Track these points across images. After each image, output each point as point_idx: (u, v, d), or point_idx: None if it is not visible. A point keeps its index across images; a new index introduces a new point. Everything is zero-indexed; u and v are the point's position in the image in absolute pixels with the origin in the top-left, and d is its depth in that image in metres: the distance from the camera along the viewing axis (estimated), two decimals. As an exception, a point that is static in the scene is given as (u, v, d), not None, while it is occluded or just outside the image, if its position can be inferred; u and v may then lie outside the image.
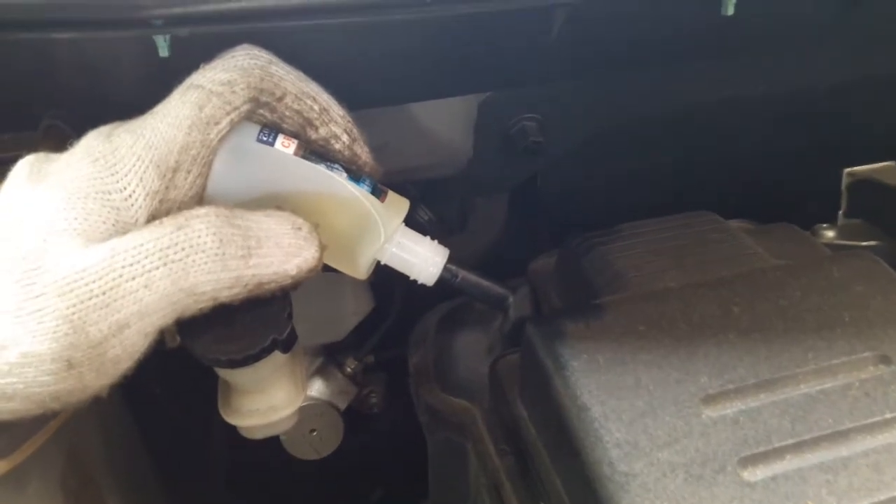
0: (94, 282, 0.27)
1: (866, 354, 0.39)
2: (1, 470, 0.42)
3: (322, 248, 0.32)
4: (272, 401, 0.39)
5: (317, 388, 0.70)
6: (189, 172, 0.31)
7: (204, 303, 0.30)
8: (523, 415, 0.44)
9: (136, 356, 0.29)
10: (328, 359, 0.71)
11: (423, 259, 0.38)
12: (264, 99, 0.33)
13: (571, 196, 0.62)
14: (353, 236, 0.36)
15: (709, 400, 0.37)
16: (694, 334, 0.41)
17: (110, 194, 0.29)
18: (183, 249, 0.29)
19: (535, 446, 0.42)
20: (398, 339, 0.67)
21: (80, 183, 0.29)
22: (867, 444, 0.36)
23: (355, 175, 0.36)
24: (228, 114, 0.32)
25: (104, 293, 0.27)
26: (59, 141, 0.35)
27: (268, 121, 0.34)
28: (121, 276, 0.28)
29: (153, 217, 0.30)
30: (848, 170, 0.60)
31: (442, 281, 0.39)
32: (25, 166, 0.31)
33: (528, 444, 0.43)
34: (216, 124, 0.32)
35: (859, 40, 0.54)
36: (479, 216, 0.67)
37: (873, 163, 0.61)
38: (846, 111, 0.60)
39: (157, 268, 0.28)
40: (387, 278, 0.48)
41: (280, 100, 0.34)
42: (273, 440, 0.67)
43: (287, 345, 0.35)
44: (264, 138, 0.34)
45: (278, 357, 0.38)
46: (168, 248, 0.28)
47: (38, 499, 0.44)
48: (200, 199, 0.33)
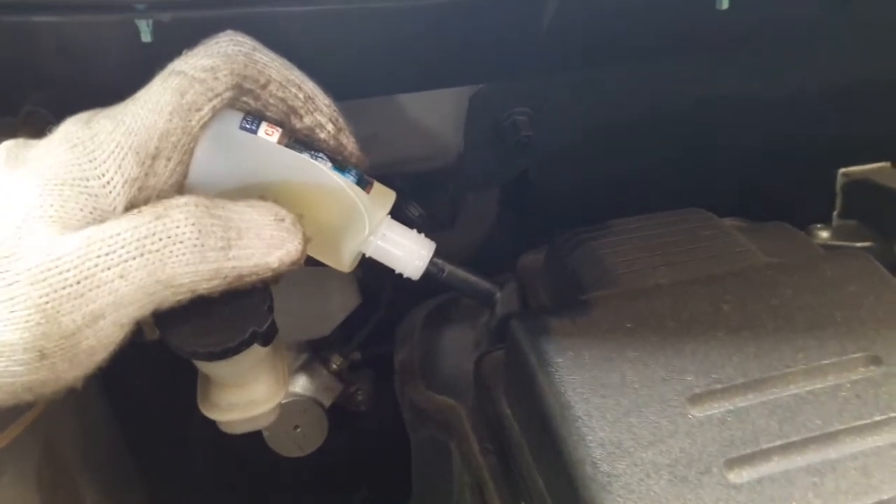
0: (68, 271, 0.27)
1: (857, 355, 0.39)
2: (-26, 461, 0.41)
3: (306, 240, 0.32)
4: (252, 395, 0.39)
5: (301, 385, 0.69)
6: (169, 160, 0.31)
7: (182, 295, 0.29)
8: (507, 413, 0.43)
9: (111, 347, 0.29)
10: (313, 355, 0.70)
11: (409, 252, 0.37)
12: (248, 86, 0.33)
13: (563, 192, 0.61)
14: (338, 227, 0.35)
15: (695, 399, 0.37)
16: (682, 332, 0.40)
17: (88, 181, 0.29)
18: (161, 240, 0.28)
19: (519, 445, 0.41)
20: (386, 336, 0.66)
21: (58, 169, 0.29)
22: (856, 447, 0.35)
23: (340, 165, 0.35)
24: (210, 100, 0.31)
25: (78, 283, 0.27)
26: (39, 127, 0.34)
27: (251, 108, 0.34)
28: (96, 265, 0.27)
29: (132, 205, 0.29)
30: (843, 170, 0.60)
31: (428, 275, 0.38)
32: (3, 152, 0.30)
33: (511, 442, 0.42)
34: (198, 111, 0.31)
35: (854, 40, 0.54)
36: (470, 211, 0.67)
37: (868, 163, 0.61)
38: (841, 111, 0.59)
39: (134, 258, 0.27)
40: (374, 273, 0.48)
41: (264, 87, 0.33)
42: (256, 436, 0.67)
43: (267, 338, 0.34)
44: (247, 126, 0.33)
45: (258, 350, 0.37)
46: (145, 237, 0.28)
47: (12, 489, 0.44)
48: (181, 187, 0.32)
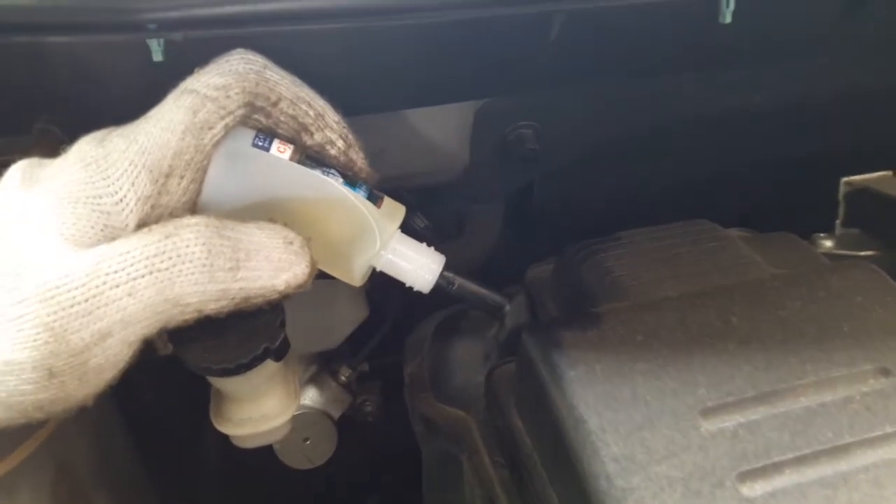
0: (76, 288, 0.27)
1: (866, 367, 0.39)
2: (-9, 477, 0.41)
3: (314, 263, 0.32)
4: (264, 409, 0.39)
5: (310, 397, 0.69)
6: (182, 178, 0.31)
7: (189, 314, 0.29)
8: (519, 426, 0.43)
9: (120, 366, 0.29)
10: (322, 367, 0.70)
11: (419, 266, 0.38)
12: (259, 104, 0.33)
13: (568, 204, 0.62)
14: (349, 242, 0.36)
15: (707, 412, 0.37)
16: (692, 345, 0.40)
17: (101, 199, 0.29)
18: (170, 258, 0.28)
19: (531, 458, 0.42)
20: (393, 347, 0.67)
21: (72, 187, 0.29)
22: (867, 459, 0.35)
23: (351, 181, 0.35)
24: (223, 118, 0.32)
25: (86, 300, 0.27)
26: (52, 146, 0.34)
27: (263, 126, 0.34)
28: (104, 283, 0.27)
29: (144, 223, 0.29)
30: (845, 179, 0.60)
31: (438, 288, 0.39)
32: (18, 172, 0.30)
33: (523, 455, 0.42)
34: (210, 129, 0.31)
35: (856, 51, 0.54)
36: (476, 223, 0.67)
37: (871, 172, 0.61)
38: (844, 120, 0.60)
39: (143, 276, 0.28)
40: (382, 285, 0.48)
41: (275, 105, 0.33)
42: (266, 449, 0.67)
43: (279, 353, 0.35)
44: (259, 143, 0.34)
45: (271, 366, 0.37)
46: (155, 256, 0.28)
47: (27, 507, 0.44)
48: (194, 205, 0.32)
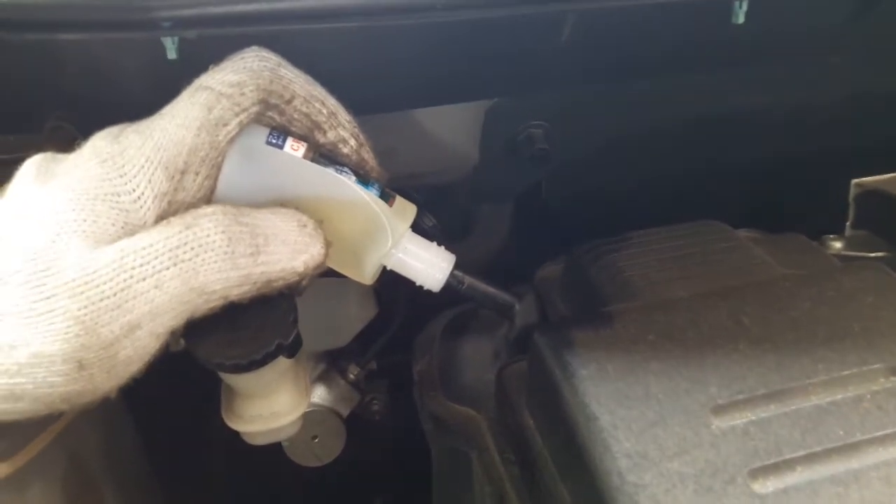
0: (105, 283, 0.27)
1: (877, 366, 0.39)
2: (3, 472, 0.42)
3: (327, 244, 0.33)
4: (276, 406, 0.39)
5: (319, 395, 0.70)
6: (198, 174, 0.31)
7: (214, 302, 0.30)
8: (530, 423, 0.44)
9: (147, 357, 0.29)
10: (330, 365, 0.71)
11: (430, 265, 0.38)
12: (273, 101, 0.33)
13: (576, 203, 0.62)
14: (361, 240, 0.36)
15: (718, 410, 0.37)
16: (703, 344, 0.40)
17: (119, 196, 0.29)
18: (192, 249, 0.29)
19: (542, 456, 0.42)
20: (401, 345, 0.67)
21: (89, 184, 0.29)
22: (879, 457, 0.35)
23: (364, 179, 0.36)
24: (237, 115, 0.32)
25: (115, 294, 0.28)
26: (64, 142, 0.35)
27: (276, 123, 0.34)
28: (131, 276, 0.28)
29: (161, 219, 0.30)
30: (856, 181, 0.60)
31: (448, 287, 0.39)
32: (32, 166, 0.31)
33: (534, 453, 0.43)
34: (225, 126, 0.31)
35: (868, 51, 0.54)
36: (484, 222, 0.67)
37: (881, 174, 0.61)
38: (854, 121, 0.60)
39: (168, 268, 0.28)
40: (391, 284, 0.48)
41: (289, 102, 0.34)
42: (275, 447, 0.67)
43: (292, 350, 0.35)
44: (273, 141, 0.34)
45: (283, 362, 0.37)
46: (178, 247, 0.28)
47: (39, 501, 0.44)
48: (209, 201, 0.32)
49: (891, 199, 0.57)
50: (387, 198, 0.36)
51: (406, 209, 0.37)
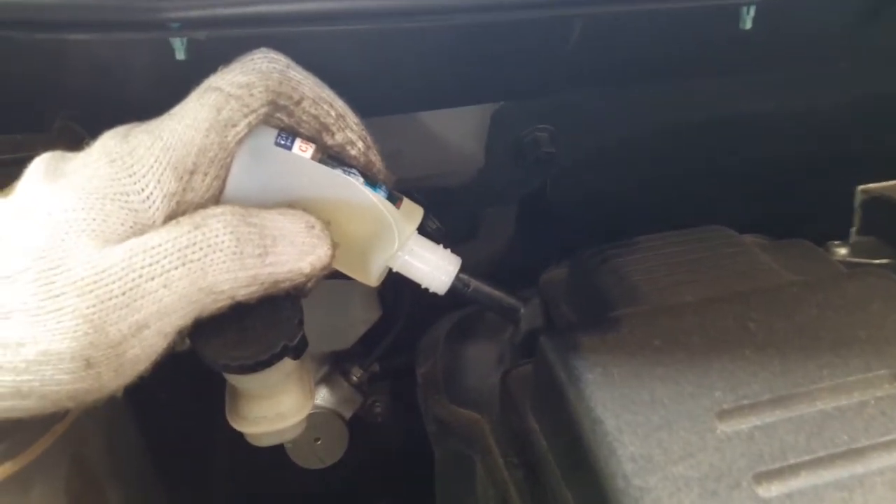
0: (114, 282, 0.28)
1: (882, 372, 0.39)
2: (5, 472, 0.42)
3: (334, 245, 0.33)
4: (280, 408, 0.39)
5: (322, 397, 0.70)
6: (206, 175, 0.31)
7: (221, 301, 0.30)
8: (535, 427, 0.44)
9: (155, 357, 0.30)
10: (334, 367, 0.71)
11: (436, 267, 0.38)
12: (282, 103, 0.33)
13: (581, 206, 0.62)
14: (368, 242, 0.36)
15: (724, 415, 0.37)
16: (709, 349, 0.41)
17: (128, 196, 0.30)
18: (201, 249, 0.29)
19: (547, 459, 0.42)
20: (404, 348, 0.67)
21: (98, 183, 0.30)
22: (883, 462, 0.36)
23: (371, 181, 0.36)
24: (246, 116, 0.32)
25: (124, 293, 0.28)
26: (72, 141, 0.35)
27: (285, 125, 0.34)
28: (140, 276, 0.28)
29: (170, 219, 0.30)
30: (861, 187, 0.60)
31: (453, 290, 0.39)
32: (41, 164, 0.31)
33: (539, 456, 0.43)
34: (234, 127, 0.32)
35: (874, 56, 0.54)
36: (489, 225, 0.67)
37: (887, 180, 0.61)
38: (861, 126, 0.60)
39: (176, 267, 0.28)
40: (393, 286, 0.49)
41: (298, 104, 0.34)
42: (278, 449, 0.68)
43: (298, 351, 0.35)
44: (282, 142, 0.34)
45: (288, 364, 0.38)
46: (186, 247, 0.29)
47: (42, 501, 0.44)
48: (217, 201, 0.33)
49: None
50: (394, 200, 0.36)
51: (413, 211, 0.37)
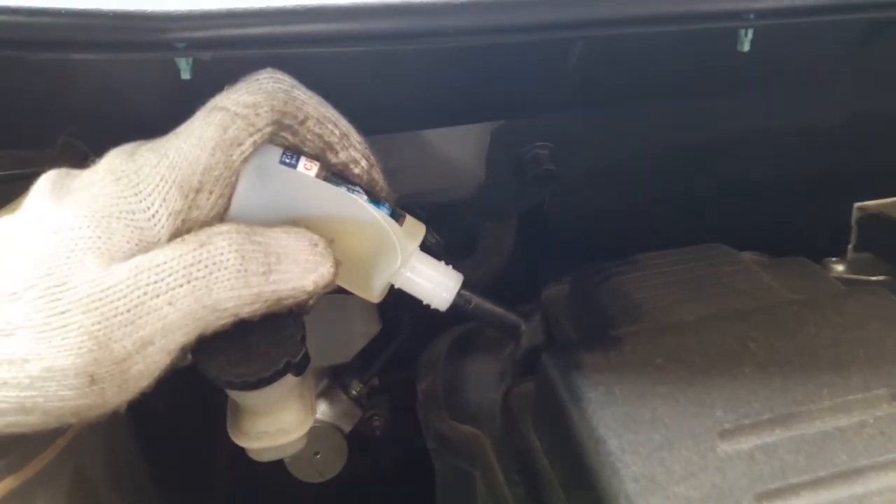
0: (118, 299, 0.28)
1: (881, 391, 0.40)
2: (9, 486, 0.42)
3: (337, 263, 0.33)
4: (282, 423, 0.40)
5: (322, 411, 0.70)
6: (212, 193, 0.32)
7: (225, 319, 0.30)
8: (536, 445, 0.44)
9: (158, 373, 0.30)
10: (333, 380, 0.71)
11: (438, 284, 0.38)
12: (287, 122, 0.34)
13: (580, 222, 0.63)
14: (371, 259, 0.36)
15: (725, 434, 0.38)
16: (710, 368, 0.41)
17: (134, 214, 0.30)
18: (206, 267, 0.29)
19: (549, 477, 0.42)
20: (403, 362, 0.67)
21: (105, 201, 0.30)
22: (882, 482, 0.36)
23: (375, 199, 0.36)
24: (251, 135, 0.32)
25: (129, 310, 0.28)
26: (75, 158, 0.36)
27: (289, 143, 0.35)
28: (145, 293, 0.28)
29: (175, 236, 0.30)
30: (858, 204, 0.61)
31: (454, 307, 0.39)
32: (47, 182, 0.31)
33: (540, 474, 0.43)
34: (239, 145, 0.32)
35: (871, 75, 0.55)
36: (489, 240, 0.68)
37: (884, 198, 0.62)
38: (858, 145, 0.61)
39: (181, 285, 0.29)
40: (394, 300, 0.49)
41: (302, 123, 0.34)
42: (277, 462, 0.67)
43: (300, 367, 0.35)
44: (287, 160, 0.35)
45: (290, 380, 0.38)
46: (191, 265, 0.29)
47: (43, 516, 0.45)
48: (222, 219, 0.33)
49: (893, 222, 0.58)
50: (397, 217, 0.37)
51: (415, 228, 0.38)
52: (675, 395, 0.39)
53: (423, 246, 0.39)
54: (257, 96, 0.33)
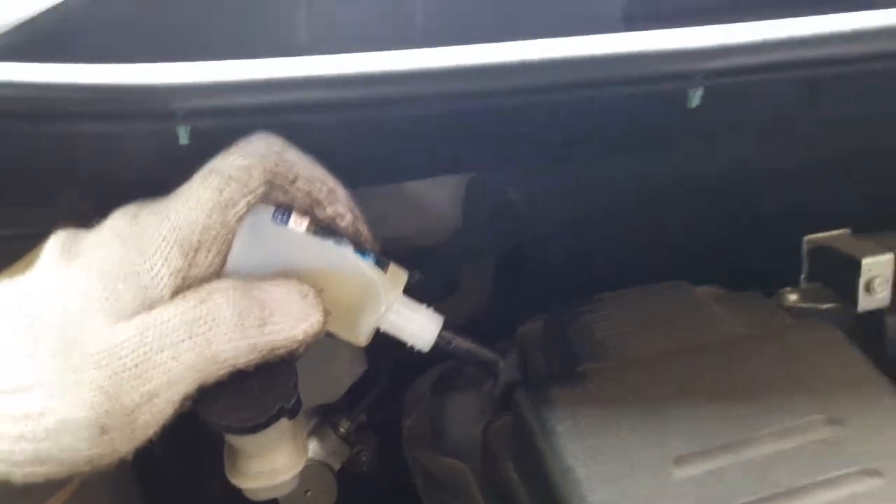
0: (126, 355, 0.30)
1: (819, 417, 0.43)
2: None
3: (326, 312, 0.35)
4: (276, 464, 0.40)
5: (312, 449, 0.71)
6: (209, 251, 0.34)
7: (224, 369, 0.32)
8: (514, 476, 0.47)
9: (163, 422, 0.32)
10: (323, 419, 0.72)
11: (420, 327, 0.40)
12: (278, 182, 0.36)
13: (555, 262, 0.65)
14: (357, 306, 0.39)
15: (680, 461, 0.41)
16: (667, 400, 0.44)
17: (139, 275, 0.32)
18: (206, 322, 0.31)
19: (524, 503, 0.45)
20: (385, 400, 0.69)
21: (111, 265, 0.32)
22: (819, 499, 0.39)
23: (360, 249, 0.39)
24: (245, 196, 0.34)
25: (136, 366, 0.30)
26: (77, 217, 0.37)
27: (280, 201, 0.37)
28: (151, 349, 0.30)
29: (177, 292, 0.32)
30: (808, 237, 0.63)
31: (436, 347, 0.41)
32: (57, 243, 0.34)
33: (518, 502, 0.46)
34: (234, 206, 0.34)
35: (814, 128, 0.58)
36: (467, 281, 0.69)
37: (831, 230, 0.63)
38: (807, 186, 0.64)
39: (183, 340, 0.31)
40: (377, 342, 0.51)
41: (293, 182, 0.36)
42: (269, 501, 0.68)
43: (293, 412, 0.36)
44: (279, 217, 0.37)
45: (283, 423, 0.40)
46: (192, 321, 0.31)
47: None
48: (219, 274, 0.35)
49: (838, 253, 0.60)
50: (382, 265, 0.39)
51: (398, 275, 0.40)
52: (635, 427, 0.42)
53: (407, 290, 0.41)
54: (250, 159, 0.35)
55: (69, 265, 0.32)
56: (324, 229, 0.38)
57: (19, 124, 0.37)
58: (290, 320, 0.34)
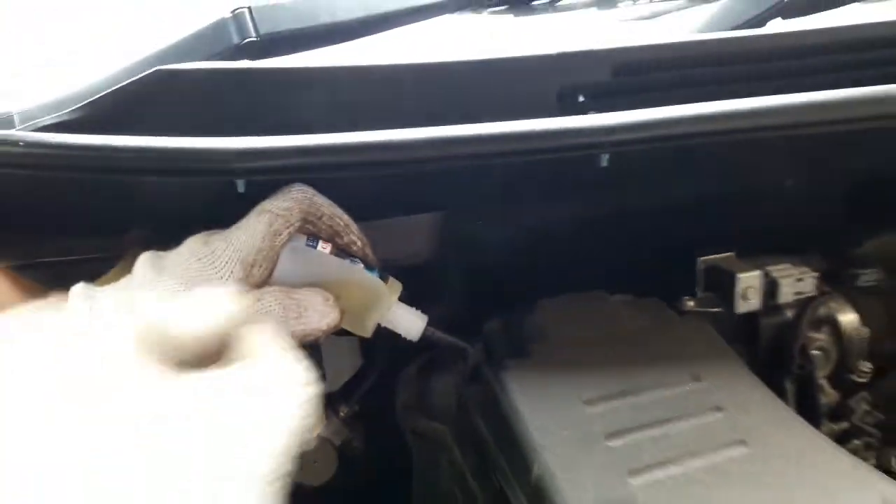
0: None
1: (686, 375, 0.58)
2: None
3: (341, 312, 0.42)
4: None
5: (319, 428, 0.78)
6: (261, 267, 0.40)
7: None
8: (483, 429, 0.58)
9: None
10: (326, 404, 0.80)
11: (411, 322, 0.48)
12: (310, 219, 0.42)
13: (507, 277, 0.72)
14: (365, 307, 0.46)
15: (589, 402, 0.55)
16: (585, 366, 0.58)
17: (211, 282, 0.38)
18: (261, 315, 0.38)
19: (491, 449, 0.57)
20: (375, 392, 0.76)
21: (192, 274, 0.38)
22: (681, 426, 0.53)
23: (368, 266, 0.46)
24: (287, 228, 0.41)
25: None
26: (142, 246, 0.41)
27: (310, 232, 0.43)
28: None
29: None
30: (701, 258, 0.73)
31: (423, 337, 0.49)
32: (147, 261, 0.39)
33: (485, 447, 0.57)
34: (279, 235, 0.40)
35: (693, 177, 0.66)
36: (445, 290, 0.74)
37: (719, 253, 0.73)
38: (700, 219, 0.74)
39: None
40: (373, 344, 0.59)
41: (320, 219, 0.43)
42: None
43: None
44: (310, 244, 0.44)
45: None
46: (252, 314, 0.35)
47: None
48: (267, 283, 0.41)
49: (721, 271, 0.70)
50: (384, 278, 0.47)
51: (395, 285, 0.48)
52: (563, 382, 0.57)
53: (400, 297, 0.48)
54: (291, 202, 0.41)
55: (160, 275, 0.38)
56: (341, 252, 0.45)
57: (106, 177, 0.40)
58: (317, 316, 0.40)
